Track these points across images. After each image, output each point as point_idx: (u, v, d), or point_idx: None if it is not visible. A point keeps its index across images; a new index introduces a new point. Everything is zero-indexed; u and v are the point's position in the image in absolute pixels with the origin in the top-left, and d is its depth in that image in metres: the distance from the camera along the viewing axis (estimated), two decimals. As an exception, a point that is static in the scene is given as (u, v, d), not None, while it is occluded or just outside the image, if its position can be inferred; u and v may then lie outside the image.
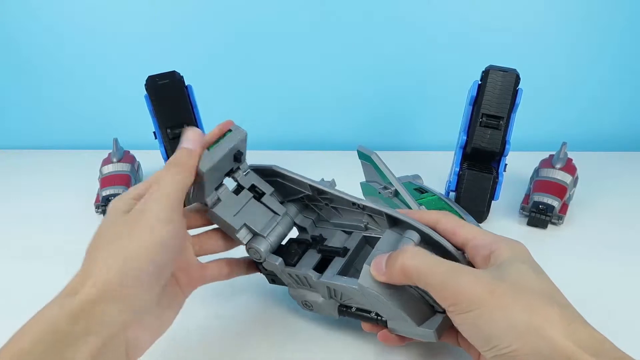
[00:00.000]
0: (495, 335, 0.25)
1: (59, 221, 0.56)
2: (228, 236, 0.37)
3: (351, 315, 0.35)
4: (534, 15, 0.70)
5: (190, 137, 0.33)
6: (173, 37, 0.71)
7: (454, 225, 0.32)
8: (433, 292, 0.28)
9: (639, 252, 0.49)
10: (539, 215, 0.53)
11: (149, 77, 0.53)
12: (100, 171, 0.61)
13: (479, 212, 0.54)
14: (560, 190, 0.55)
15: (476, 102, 0.53)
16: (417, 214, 0.34)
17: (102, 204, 0.55)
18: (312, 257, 0.36)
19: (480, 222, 0.54)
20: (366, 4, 0.69)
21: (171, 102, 0.53)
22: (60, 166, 0.71)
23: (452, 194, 0.56)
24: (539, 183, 0.56)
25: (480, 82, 0.53)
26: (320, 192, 0.37)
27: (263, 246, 0.35)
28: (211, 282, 0.36)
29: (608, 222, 0.55)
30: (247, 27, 0.71)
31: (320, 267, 0.35)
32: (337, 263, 0.35)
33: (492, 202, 0.54)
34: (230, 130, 0.34)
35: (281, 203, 0.38)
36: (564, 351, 0.24)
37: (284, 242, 0.38)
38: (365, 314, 0.34)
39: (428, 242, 0.32)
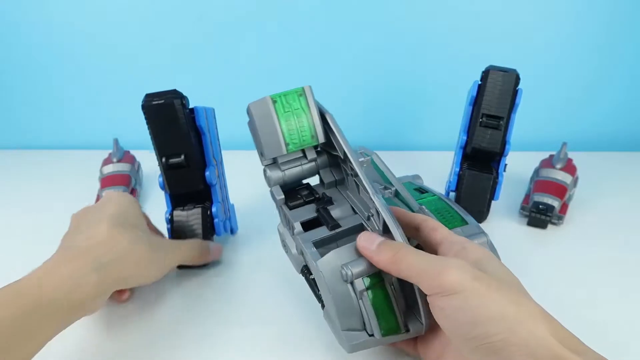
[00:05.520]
0: (482, 322, 0.25)
1: (59, 221, 0.56)
2: None
3: (307, 280, 0.36)
4: (534, 15, 0.70)
5: (215, 252, 0.47)
6: (173, 36, 0.71)
7: (436, 224, 0.34)
8: (419, 279, 0.28)
9: (639, 252, 0.50)
10: (539, 215, 0.53)
11: (146, 95, 0.44)
12: (101, 171, 0.61)
13: (479, 212, 0.54)
14: (560, 190, 0.55)
15: (476, 102, 0.53)
16: (403, 214, 0.35)
17: (102, 204, 0.55)
18: (309, 211, 0.37)
19: (480, 222, 0.54)
20: (365, 5, 0.69)
21: (166, 127, 0.43)
22: (60, 166, 0.71)
23: (452, 194, 0.56)
24: (539, 183, 0.56)
25: (480, 82, 0.53)
26: (349, 161, 0.36)
27: (275, 175, 0.37)
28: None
29: (608, 222, 0.55)
30: (247, 25, 0.71)
31: (311, 224, 0.36)
32: (322, 231, 0.35)
33: (492, 202, 0.54)
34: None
35: (317, 149, 0.39)
36: (550, 346, 0.24)
37: (305, 181, 0.40)
38: (315, 287, 0.35)
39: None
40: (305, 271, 0.36)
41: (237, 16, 0.70)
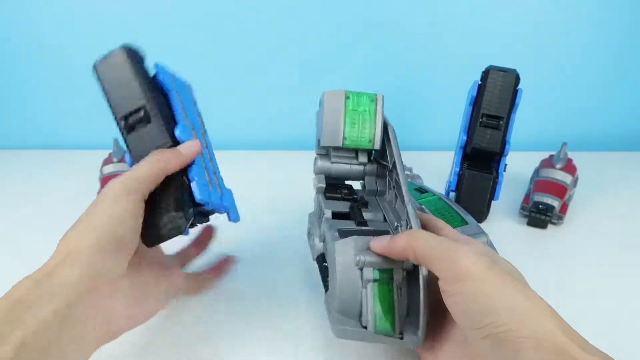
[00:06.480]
0: (492, 311, 0.25)
1: (59, 222, 0.56)
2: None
3: (319, 268, 0.37)
4: (534, 16, 0.70)
5: (189, 147, 0.36)
6: (173, 36, 0.71)
7: (442, 224, 0.35)
8: (432, 263, 0.28)
9: (638, 252, 0.50)
10: (539, 215, 0.53)
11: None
12: (101, 171, 0.61)
13: (479, 212, 0.54)
14: (560, 190, 0.55)
15: (476, 102, 0.53)
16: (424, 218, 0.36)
17: (102, 204, 0.55)
18: (343, 206, 0.38)
19: (480, 222, 0.54)
20: (366, 5, 0.69)
21: (120, 82, 0.39)
22: (60, 166, 0.71)
23: (452, 194, 0.56)
24: (539, 183, 0.56)
25: (480, 82, 0.53)
26: (395, 172, 0.37)
27: (322, 164, 0.39)
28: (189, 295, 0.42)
29: (608, 222, 0.55)
30: (248, 24, 0.71)
31: (341, 218, 0.37)
32: (349, 224, 0.36)
33: (492, 202, 0.54)
34: None
35: (370, 158, 0.40)
36: (558, 341, 0.24)
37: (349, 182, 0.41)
38: (325, 275, 0.36)
39: None
40: (320, 259, 0.37)
41: (236, 16, 0.70)
